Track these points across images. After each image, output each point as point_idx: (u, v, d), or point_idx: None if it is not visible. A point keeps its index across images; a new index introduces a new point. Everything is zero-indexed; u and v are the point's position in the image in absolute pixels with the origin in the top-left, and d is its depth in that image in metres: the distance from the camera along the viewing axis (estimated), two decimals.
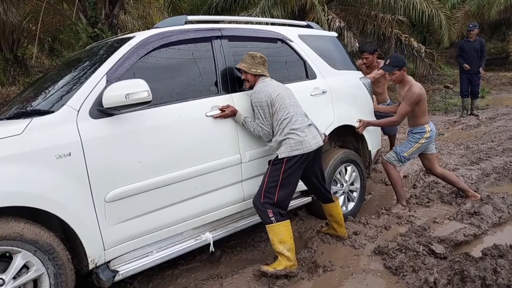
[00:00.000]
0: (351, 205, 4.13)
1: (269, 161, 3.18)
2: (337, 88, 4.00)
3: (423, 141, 4.12)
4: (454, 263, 3.00)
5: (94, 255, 2.54)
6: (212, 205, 3.11)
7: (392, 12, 11.02)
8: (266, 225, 3.05)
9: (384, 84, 5.54)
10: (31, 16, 10.70)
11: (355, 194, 4.19)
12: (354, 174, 4.14)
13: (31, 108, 2.81)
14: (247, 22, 4.20)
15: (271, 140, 3.18)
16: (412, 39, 11.82)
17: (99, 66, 2.74)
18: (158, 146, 2.79)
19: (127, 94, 2.46)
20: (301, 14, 10.52)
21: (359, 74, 4.52)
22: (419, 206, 4.25)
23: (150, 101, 2.56)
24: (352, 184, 4.16)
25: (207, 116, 3.05)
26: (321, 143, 3.25)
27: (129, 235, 2.70)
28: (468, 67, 8.64)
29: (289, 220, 3.08)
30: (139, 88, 2.50)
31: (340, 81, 4.09)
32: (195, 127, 2.99)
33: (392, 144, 5.99)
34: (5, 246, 2.19)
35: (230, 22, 4.14)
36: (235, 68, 3.27)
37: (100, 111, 2.55)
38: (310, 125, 3.22)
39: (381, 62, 5.37)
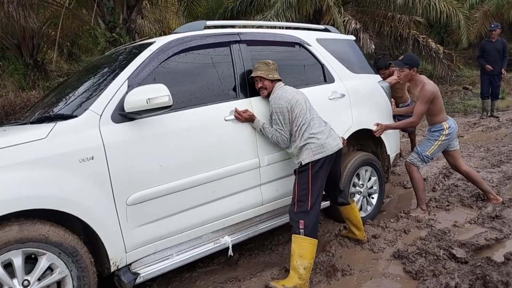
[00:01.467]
0: (370, 208, 4.11)
1: (295, 171, 3.16)
2: (355, 92, 3.98)
3: (443, 138, 4.06)
4: (476, 267, 2.95)
5: (116, 257, 2.57)
6: (231, 208, 3.11)
7: (410, 13, 10.90)
8: (293, 235, 3.02)
9: (403, 87, 5.54)
10: (50, 22, 10.89)
11: (374, 197, 4.17)
12: (373, 177, 4.12)
13: (54, 112, 2.86)
14: (264, 27, 4.23)
15: (290, 146, 3.18)
16: (430, 40, 11.66)
17: (120, 71, 2.78)
18: (178, 150, 2.82)
19: (149, 99, 2.49)
20: (316, 16, 10.49)
21: (377, 77, 4.49)
22: (439, 209, 4.19)
23: (171, 106, 2.59)
24: (371, 187, 4.13)
25: (226, 120, 3.07)
26: (341, 145, 3.24)
27: (149, 238, 2.73)
28: (491, 68, 8.48)
29: (317, 241, 3.01)
30: (160, 93, 2.53)
31: (359, 85, 4.07)
32: (214, 131, 3.01)
33: (413, 143, 5.96)
34: (31, 248, 2.24)
35: (246, 26, 4.16)
36: (250, 77, 3.27)
37: (122, 115, 2.60)
38: (328, 128, 3.23)
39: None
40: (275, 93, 3.19)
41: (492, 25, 8.67)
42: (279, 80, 3.25)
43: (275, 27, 4.16)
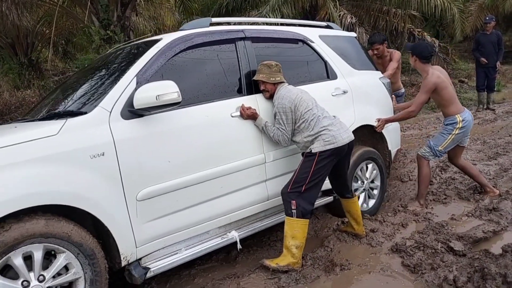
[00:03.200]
0: (371, 202, 4.16)
1: (302, 153, 3.23)
2: (357, 88, 4.01)
3: (456, 132, 4.00)
4: (474, 260, 2.97)
5: (127, 252, 2.60)
6: (237, 204, 3.15)
7: (404, 7, 10.90)
8: (286, 216, 3.10)
9: (396, 75, 5.57)
10: (44, 20, 10.80)
11: (375, 191, 4.21)
12: (374, 171, 4.16)
13: (63, 109, 2.90)
14: (266, 23, 4.24)
15: (297, 139, 3.23)
16: (425, 34, 11.67)
17: (128, 68, 2.81)
18: (186, 146, 2.85)
19: (158, 95, 2.52)
20: (312, 11, 10.47)
21: (379, 74, 4.53)
22: (436, 202, 4.22)
23: (180, 102, 2.63)
24: (372, 181, 4.18)
25: (232, 116, 3.10)
26: (353, 137, 3.27)
27: (159, 233, 2.76)
28: (485, 61, 8.47)
29: (308, 220, 3.09)
30: (169, 90, 2.56)
31: (361, 81, 4.11)
32: (221, 128, 3.05)
33: None
34: (52, 244, 2.28)
35: (248, 23, 4.19)
36: (253, 80, 3.29)
37: (131, 112, 2.62)
38: (338, 120, 3.28)
39: (392, 52, 5.52)
40: (278, 93, 3.23)
41: (487, 18, 8.66)
42: (282, 82, 3.27)
43: (278, 24, 4.10)
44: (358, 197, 3.91)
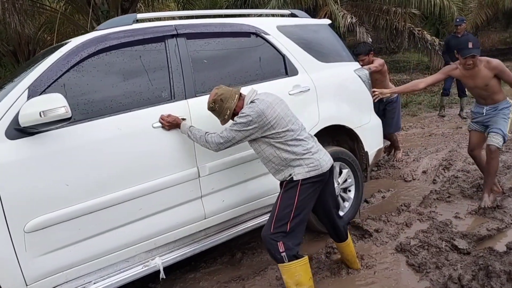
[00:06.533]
0: (344, 210, 3.72)
1: (281, 184, 2.69)
2: (323, 84, 3.56)
3: (511, 115, 3.96)
4: (478, 258, 2.97)
5: None
6: (163, 226, 2.80)
7: (404, 6, 10.90)
8: (278, 264, 2.57)
9: (383, 77, 5.24)
10: (45, 27, 10.87)
11: (350, 195, 3.78)
12: (346, 174, 3.71)
13: None
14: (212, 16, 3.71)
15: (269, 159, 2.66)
16: (425, 32, 11.68)
17: (22, 79, 2.46)
18: (91, 166, 2.50)
19: (42, 111, 2.19)
20: (311, 11, 10.48)
21: (354, 65, 3.97)
22: (440, 201, 4.20)
23: (70, 118, 2.30)
24: (346, 186, 3.75)
25: (154, 127, 2.73)
26: (332, 161, 2.75)
27: (58, 267, 2.45)
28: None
29: (307, 257, 2.61)
30: (55, 104, 2.22)
31: (328, 76, 3.64)
32: (137, 141, 2.67)
33: (393, 142, 5.68)
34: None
35: (190, 16, 3.64)
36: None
37: (19, 130, 2.29)
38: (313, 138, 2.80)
39: (377, 60, 5.18)
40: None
41: (457, 19, 8.09)
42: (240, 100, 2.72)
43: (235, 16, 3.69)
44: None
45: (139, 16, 3.03)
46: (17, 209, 2.28)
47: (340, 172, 3.68)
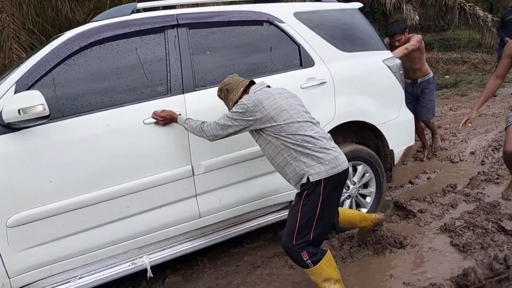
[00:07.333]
0: (363, 211, 3.46)
1: (298, 194, 2.48)
2: (343, 76, 3.29)
3: None
4: None
5: None
6: (153, 224, 2.76)
7: None
8: (304, 269, 2.51)
9: (421, 56, 4.77)
10: (94, 13, 11.21)
11: (368, 199, 3.57)
12: (367, 175, 3.50)
13: None
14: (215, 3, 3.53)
15: (277, 160, 2.50)
16: (477, 8, 11.10)
17: (11, 73, 2.48)
18: (76, 162, 2.48)
19: (21, 109, 2.18)
20: None
21: (384, 54, 3.61)
22: (488, 183, 4.10)
23: (48, 116, 2.29)
24: (365, 187, 3.56)
25: (145, 123, 2.65)
26: (347, 163, 2.51)
27: (42, 261, 2.48)
28: (509, 40, 7.71)
29: (328, 251, 2.52)
30: (33, 102, 2.21)
31: (350, 67, 3.35)
32: (127, 138, 2.61)
33: (433, 130, 5.30)
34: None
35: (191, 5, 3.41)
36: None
37: (4, 126, 2.30)
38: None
39: (414, 36, 4.64)
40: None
41: None
42: (249, 84, 2.65)
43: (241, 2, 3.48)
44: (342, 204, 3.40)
45: (139, 5, 2.93)
46: (0, 204, 2.32)
47: (357, 171, 3.44)
